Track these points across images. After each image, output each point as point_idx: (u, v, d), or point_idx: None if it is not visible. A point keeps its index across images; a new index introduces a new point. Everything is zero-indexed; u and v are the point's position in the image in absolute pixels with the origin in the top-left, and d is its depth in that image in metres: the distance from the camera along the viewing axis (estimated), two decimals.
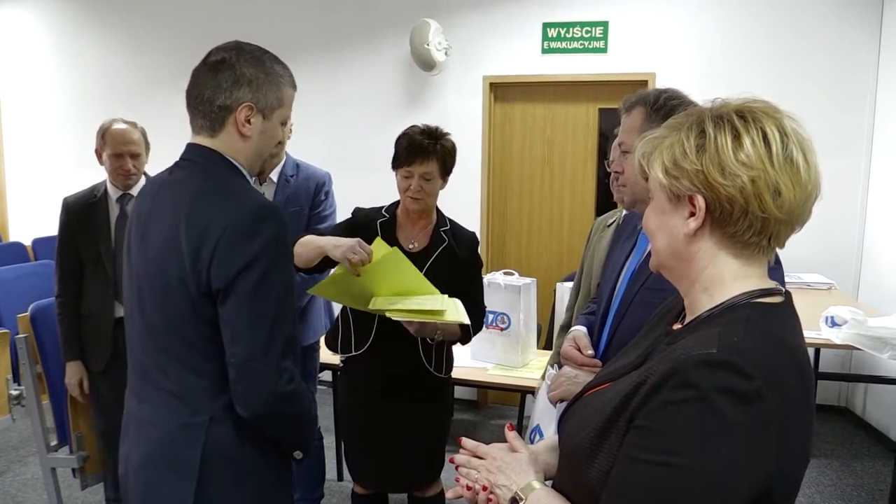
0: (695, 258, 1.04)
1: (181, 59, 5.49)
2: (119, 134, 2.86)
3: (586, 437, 1.05)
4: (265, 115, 1.56)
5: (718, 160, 0.98)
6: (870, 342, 2.98)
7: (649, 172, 1.07)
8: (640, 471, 0.94)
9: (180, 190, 1.52)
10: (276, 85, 1.57)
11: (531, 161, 5.02)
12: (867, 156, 4.44)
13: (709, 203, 1.00)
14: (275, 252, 1.44)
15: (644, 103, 1.75)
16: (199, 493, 1.47)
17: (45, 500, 3.17)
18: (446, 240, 2.47)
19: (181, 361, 1.49)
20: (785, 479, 0.96)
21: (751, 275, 1.04)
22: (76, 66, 5.94)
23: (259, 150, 1.59)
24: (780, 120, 1.00)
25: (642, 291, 1.69)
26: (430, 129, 2.42)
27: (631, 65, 4.68)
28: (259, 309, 1.42)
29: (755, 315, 0.99)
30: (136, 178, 2.91)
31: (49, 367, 2.94)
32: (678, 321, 1.15)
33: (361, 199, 3.33)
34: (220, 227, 1.41)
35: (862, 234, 4.52)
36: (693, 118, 1.04)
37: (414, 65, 4.88)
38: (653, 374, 0.97)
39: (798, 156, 0.98)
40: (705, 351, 0.93)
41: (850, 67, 4.41)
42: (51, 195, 4.33)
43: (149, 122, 3.03)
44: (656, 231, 1.09)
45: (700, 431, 0.89)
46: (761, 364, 0.92)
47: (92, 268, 2.90)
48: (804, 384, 0.98)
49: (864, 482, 3.78)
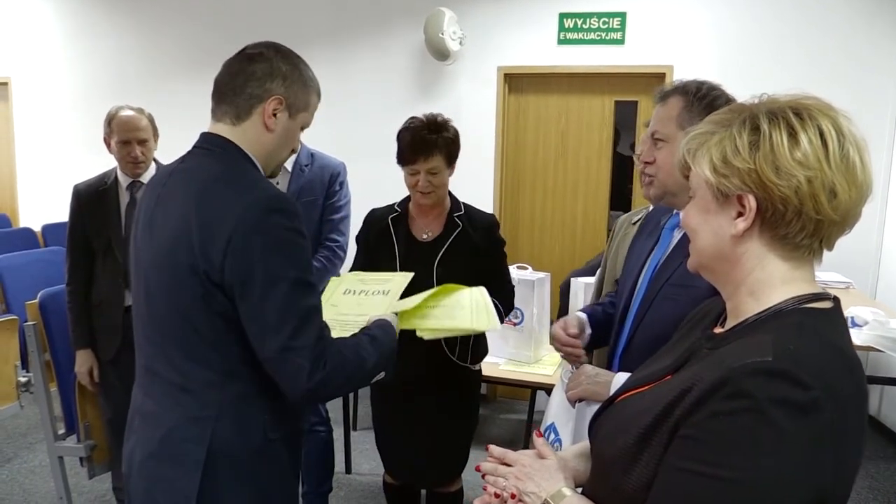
0: (741, 260, 1.00)
1: (192, 46, 5.52)
2: (126, 121, 2.83)
3: (625, 444, 1.01)
4: (291, 113, 1.56)
5: (773, 159, 0.93)
6: (891, 344, 2.92)
7: (694, 168, 1.02)
8: (687, 483, 0.90)
9: (191, 178, 1.49)
10: (306, 88, 1.58)
11: (545, 153, 4.96)
12: (888, 153, 4.35)
13: (760, 203, 0.95)
14: (289, 242, 1.42)
15: (684, 92, 1.69)
16: (204, 488, 1.44)
17: (52, 487, 3.15)
18: (460, 224, 2.44)
19: (188, 352, 1.46)
20: (838, 493, 0.91)
21: (799, 278, 0.99)
22: (87, 52, 5.91)
23: (277, 148, 1.57)
24: (836, 118, 0.96)
25: (666, 287, 1.64)
26: (431, 121, 2.36)
27: (648, 57, 4.61)
28: (281, 303, 1.39)
29: (808, 321, 0.95)
30: (144, 165, 2.88)
31: (57, 355, 2.92)
32: (718, 325, 1.10)
33: (375, 188, 3.29)
34: (232, 219, 1.38)
35: (881, 233, 4.44)
36: (745, 114, 0.99)
37: (428, 54, 4.82)
38: (700, 381, 0.93)
39: (855, 156, 0.94)
40: (760, 359, 0.88)
41: (871, 62, 4.32)
42: (61, 181, 4.32)
43: (159, 109, 2.99)
44: (698, 230, 1.04)
45: (753, 444, 0.85)
46: (818, 373, 0.87)
47: (102, 256, 2.88)
48: (860, 394, 0.93)
49: (881, 485, 3.73)
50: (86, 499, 3.48)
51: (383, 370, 1.60)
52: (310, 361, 1.40)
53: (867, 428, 0.96)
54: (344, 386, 1.54)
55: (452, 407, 2.50)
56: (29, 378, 2.99)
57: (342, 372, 1.47)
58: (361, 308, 1.85)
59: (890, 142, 4.35)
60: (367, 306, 1.86)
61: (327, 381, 1.43)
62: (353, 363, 1.50)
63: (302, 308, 1.41)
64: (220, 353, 1.45)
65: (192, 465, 1.44)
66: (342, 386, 1.53)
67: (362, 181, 3.48)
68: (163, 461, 1.48)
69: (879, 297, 4.40)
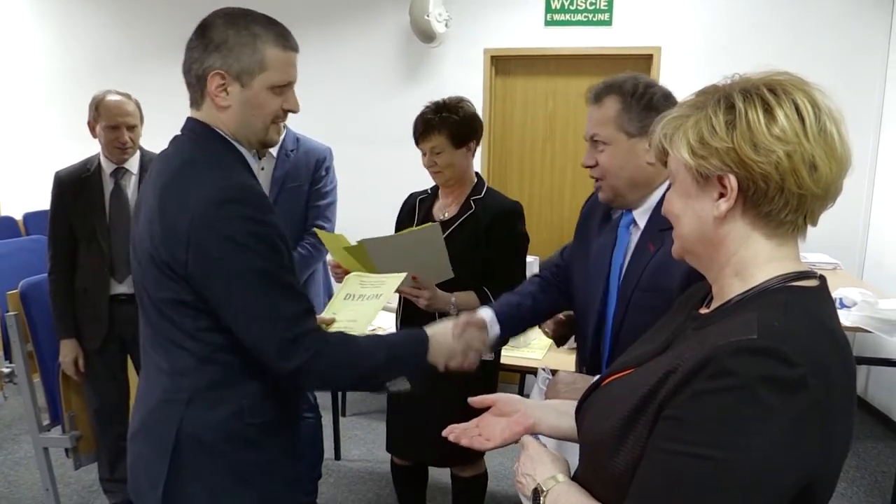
0: (725, 241, 0.99)
1: (172, 30, 5.38)
2: (114, 105, 2.77)
3: (611, 427, 1.00)
4: (242, 82, 1.42)
5: (751, 136, 0.92)
6: (880, 325, 2.93)
7: (672, 153, 1.01)
8: (673, 463, 0.88)
9: (165, 165, 1.47)
10: (251, 47, 1.41)
11: (532, 136, 4.93)
12: (875, 134, 4.36)
13: (741, 182, 0.94)
14: (248, 233, 1.36)
15: (620, 93, 1.63)
16: (174, 469, 1.44)
17: (38, 478, 3.11)
18: (472, 207, 2.45)
19: (168, 338, 1.46)
20: (826, 473, 0.91)
21: (785, 256, 0.99)
22: (65, 37, 5.79)
23: (244, 122, 1.46)
24: (810, 92, 0.95)
25: (636, 293, 1.61)
26: (438, 104, 2.44)
27: (636, 38, 4.58)
28: (248, 298, 1.37)
29: (794, 299, 0.94)
30: (132, 150, 2.83)
31: (40, 346, 2.88)
32: (704, 306, 1.09)
33: (360, 172, 3.25)
34: (188, 213, 1.35)
35: (868, 214, 4.46)
36: (719, 94, 0.97)
37: (413, 36, 4.76)
38: (684, 361, 0.92)
39: (832, 128, 0.94)
40: (744, 337, 0.87)
41: (860, 43, 4.31)
42: (42, 168, 4.24)
43: (139, 94, 2.93)
44: (681, 216, 1.03)
45: (739, 422, 0.84)
46: (805, 350, 0.86)
47: (86, 244, 2.82)
48: (848, 371, 0.92)
49: (867, 464, 3.76)
50: (72, 489, 3.44)
51: (397, 376, 1.56)
52: (284, 357, 1.39)
53: (855, 408, 0.95)
54: (333, 376, 1.51)
55: (459, 390, 2.47)
56: (12, 369, 2.96)
57: (327, 359, 1.44)
58: (354, 313, 1.83)
59: (877, 122, 4.35)
60: (359, 311, 1.84)
61: (310, 366, 1.41)
62: (346, 355, 1.47)
63: (271, 298, 1.38)
64: (196, 340, 1.43)
65: (163, 446, 1.44)
66: (330, 375, 1.49)
67: (349, 166, 3.43)
68: (142, 440, 1.51)
69: (866, 277, 4.42)
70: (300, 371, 1.40)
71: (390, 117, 2.70)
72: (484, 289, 2.38)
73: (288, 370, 1.40)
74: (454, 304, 2.31)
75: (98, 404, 2.94)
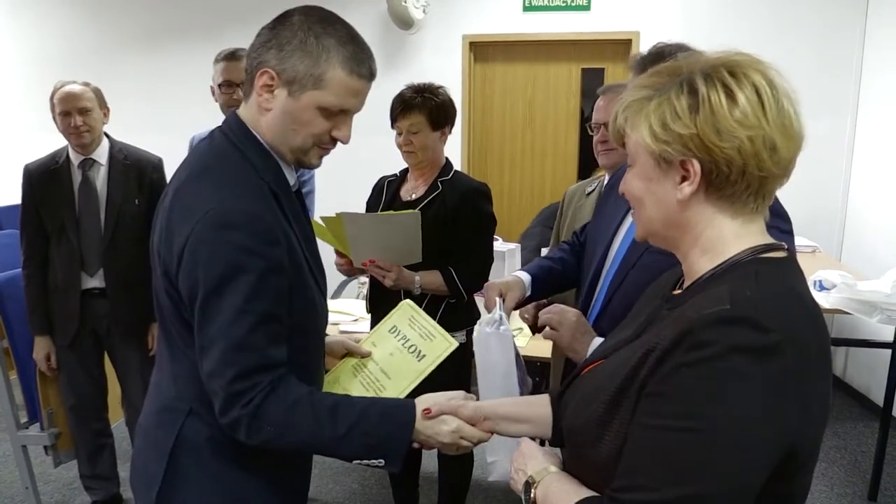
0: (690, 223, 0.99)
1: (146, 20, 5.34)
2: (66, 92, 2.75)
3: (594, 413, 1.00)
4: (291, 90, 1.29)
5: (714, 121, 0.92)
6: (860, 306, 2.94)
7: (632, 136, 1.00)
8: (657, 438, 0.89)
9: (184, 167, 1.39)
10: (314, 59, 1.28)
11: (512, 122, 4.91)
12: (853, 117, 4.39)
13: (704, 166, 0.94)
14: (236, 266, 1.24)
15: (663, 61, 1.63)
16: (169, 477, 1.39)
17: (17, 477, 3.07)
18: (440, 188, 2.49)
19: (173, 347, 1.41)
20: (807, 438, 0.91)
21: (752, 232, 0.99)
22: (36, 28, 5.68)
23: (283, 133, 1.33)
24: (766, 72, 0.95)
25: (646, 255, 1.59)
26: (418, 86, 2.49)
27: (614, 23, 4.57)
28: (211, 328, 1.25)
29: (764, 269, 0.95)
30: (89, 135, 2.76)
31: (16, 342, 2.84)
32: (677, 288, 1.10)
33: (339, 161, 3.21)
34: (188, 228, 1.25)
35: (846, 197, 4.49)
36: (681, 77, 0.96)
37: (391, 23, 4.72)
38: (661, 339, 0.92)
39: (789, 107, 0.94)
40: (718, 308, 0.88)
41: (837, 25, 4.34)
42: (14, 162, 4.15)
43: (114, 85, 2.89)
44: (643, 199, 1.02)
45: (718, 392, 0.85)
46: (777, 316, 0.87)
47: (56, 238, 2.78)
48: (821, 338, 0.93)
49: (848, 444, 3.80)
50: (53, 487, 3.40)
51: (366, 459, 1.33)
52: (228, 398, 1.26)
53: (831, 375, 0.95)
54: (296, 447, 1.33)
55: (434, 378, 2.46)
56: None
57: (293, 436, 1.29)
58: (390, 363, 1.61)
59: (854, 106, 4.38)
60: (395, 368, 1.60)
61: (254, 431, 1.27)
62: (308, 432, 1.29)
63: (235, 339, 1.25)
64: (193, 352, 1.35)
65: (161, 451, 1.40)
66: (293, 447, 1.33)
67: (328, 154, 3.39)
68: (146, 437, 1.47)
69: (845, 259, 4.46)
70: (236, 425, 1.27)
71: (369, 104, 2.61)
72: (449, 268, 2.43)
73: (224, 423, 1.28)
74: (418, 284, 2.40)
75: (74, 401, 2.90)
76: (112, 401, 3.06)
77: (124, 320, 2.82)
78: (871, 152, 4.28)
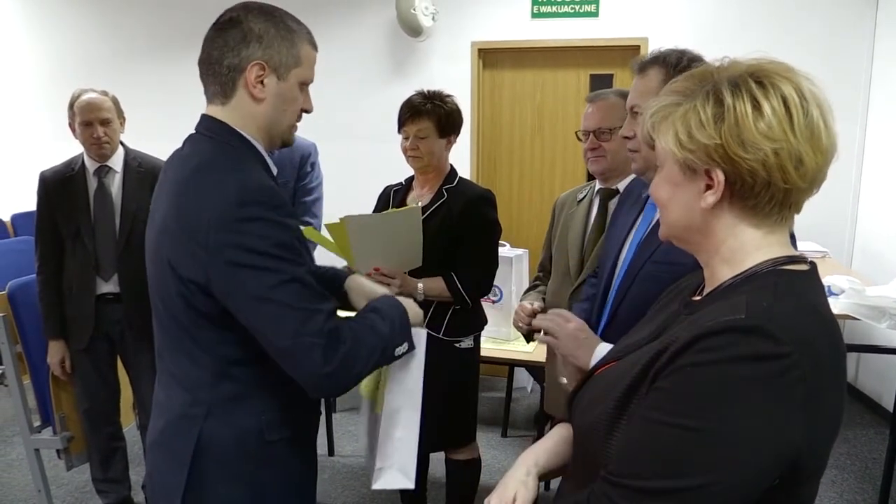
0: (713, 231, 1.00)
1: (161, 24, 5.39)
2: (86, 102, 2.78)
3: (605, 410, 1.01)
4: (279, 74, 1.41)
5: (738, 132, 0.92)
6: (868, 311, 2.94)
7: (659, 142, 1.01)
8: (653, 431, 0.90)
9: (181, 166, 1.42)
10: (290, 41, 1.42)
11: (521, 129, 4.92)
12: (862, 124, 4.37)
13: (728, 176, 0.94)
14: (269, 237, 1.30)
15: (664, 64, 1.62)
16: (192, 485, 1.40)
17: (30, 480, 3.10)
18: (445, 196, 2.51)
19: (181, 349, 1.41)
20: (813, 454, 0.91)
21: (774, 243, 0.99)
22: (51, 37, 5.74)
23: (276, 117, 1.44)
24: (797, 81, 0.94)
25: (649, 265, 1.60)
26: (427, 93, 2.52)
27: (622, 29, 4.58)
28: (274, 308, 1.29)
29: (783, 281, 0.95)
30: (109, 147, 2.81)
31: (29, 347, 2.87)
32: (697, 294, 1.10)
33: (347, 168, 3.25)
34: (207, 216, 1.29)
35: (856, 203, 4.48)
36: (708, 85, 0.97)
37: (400, 30, 4.75)
38: (674, 341, 0.93)
39: (819, 120, 0.93)
40: (733, 317, 0.89)
41: (846, 33, 4.32)
42: (30, 170, 4.20)
43: (128, 93, 2.92)
44: (668, 202, 1.03)
45: (720, 395, 0.86)
46: (791, 329, 0.87)
47: (72, 244, 2.82)
48: (837, 354, 0.93)
49: (858, 450, 3.78)
50: (65, 490, 3.44)
51: (404, 341, 1.48)
52: (323, 345, 1.31)
53: (845, 387, 0.96)
54: (367, 362, 1.41)
55: (442, 383, 2.48)
56: (2, 371, 2.95)
57: (363, 346, 1.37)
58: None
59: (864, 111, 4.37)
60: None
61: (348, 359, 1.33)
62: (370, 335, 1.40)
63: (302, 300, 1.31)
64: (209, 353, 1.38)
65: (181, 460, 1.40)
66: (365, 362, 1.40)
67: (335, 161, 3.42)
68: (161, 451, 1.47)
69: (855, 265, 4.44)
70: (338, 371, 1.32)
71: (377, 112, 2.67)
72: (451, 274, 2.44)
73: (327, 372, 1.31)
74: (421, 291, 2.40)
75: (87, 405, 2.93)
76: (124, 405, 3.09)
77: (137, 324, 2.85)
78: (881, 158, 4.26)
